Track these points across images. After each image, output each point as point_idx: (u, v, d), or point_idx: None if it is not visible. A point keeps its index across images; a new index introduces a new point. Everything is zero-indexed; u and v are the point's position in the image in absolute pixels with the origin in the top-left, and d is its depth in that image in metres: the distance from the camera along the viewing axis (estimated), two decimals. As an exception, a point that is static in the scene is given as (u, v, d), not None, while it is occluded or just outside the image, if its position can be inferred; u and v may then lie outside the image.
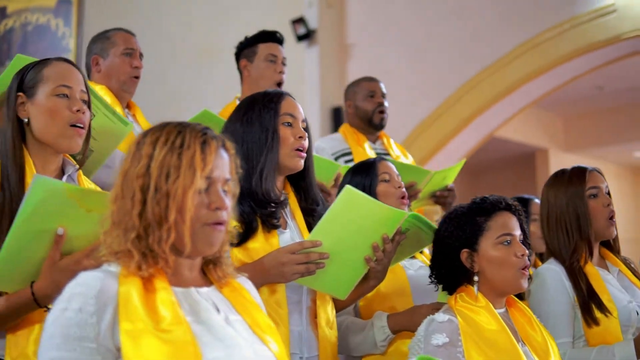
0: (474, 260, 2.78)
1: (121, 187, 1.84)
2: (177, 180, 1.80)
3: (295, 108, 2.79)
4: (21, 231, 2.04)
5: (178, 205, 1.80)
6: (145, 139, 1.87)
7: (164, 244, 1.81)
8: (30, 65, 2.50)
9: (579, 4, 7.26)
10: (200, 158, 1.83)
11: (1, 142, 2.42)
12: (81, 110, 2.45)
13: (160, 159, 1.82)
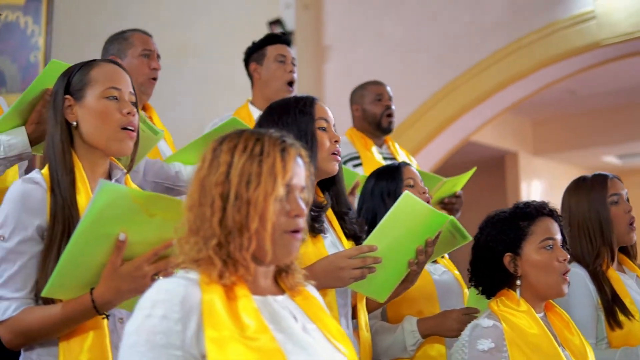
0: (516, 264, 2.85)
1: (198, 194, 1.83)
2: (258, 187, 1.80)
3: (327, 113, 2.83)
4: (84, 236, 2.01)
5: (259, 213, 1.80)
6: (221, 146, 1.86)
7: (245, 252, 1.80)
8: (76, 67, 2.45)
9: (558, 10, 7.31)
10: (280, 165, 1.83)
11: (49, 146, 2.38)
12: (132, 113, 2.42)
13: (240, 166, 1.81)
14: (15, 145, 2.91)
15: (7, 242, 2.24)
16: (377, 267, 2.60)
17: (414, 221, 2.73)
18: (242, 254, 1.80)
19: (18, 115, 2.93)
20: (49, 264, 2.20)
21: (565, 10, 7.27)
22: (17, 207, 2.26)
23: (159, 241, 2.06)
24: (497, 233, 2.90)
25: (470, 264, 3.00)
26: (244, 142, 1.85)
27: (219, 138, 1.90)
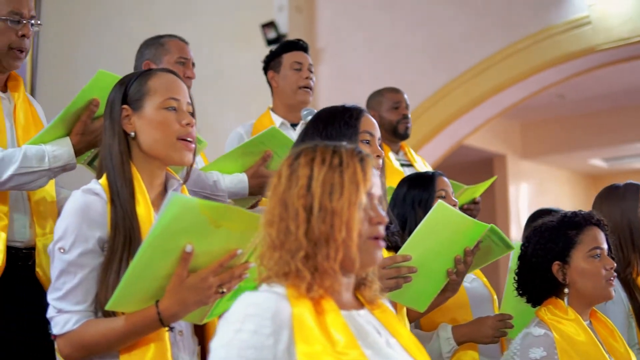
0: (565, 272, 2.91)
1: (279, 209, 1.84)
2: (342, 197, 1.81)
3: (373, 126, 2.82)
4: (151, 249, 1.99)
5: (345, 222, 1.81)
6: (298, 160, 1.88)
7: (333, 262, 1.81)
8: (133, 77, 2.42)
9: (553, 15, 7.35)
10: (361, 174, 1.85)
11: (107, 157, 2.35)
12: (190, 124, 2.39)
13: (322, 177, 1.83)
14: (60, 156, 2.88)
15: (68, 255, 2.21)
16: (414, 277, 2.60)
17: (450, 230, 2.74)
18: (330, 263, 1.81)
19: (63, 126, 2.90)
20: (110, 276, 2.18)
21: (560, 16, 7.31)
22: (78, 219, 2.23)
23: (222, 252, 2.04)
24: (545, 242, 2.96)
25: (516, 273, 3.05)
26: (321, 155, 1.87)
27: (294, 153, 1.91)
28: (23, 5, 3.08)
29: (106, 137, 2.38)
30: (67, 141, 2.90)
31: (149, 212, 2.29)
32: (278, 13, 8.55)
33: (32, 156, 2.86)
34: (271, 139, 3.40)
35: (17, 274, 2.98)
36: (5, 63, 3.07)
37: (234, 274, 2.07)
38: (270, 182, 1.93)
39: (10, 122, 3.09)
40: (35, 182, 2.90)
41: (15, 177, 2.84)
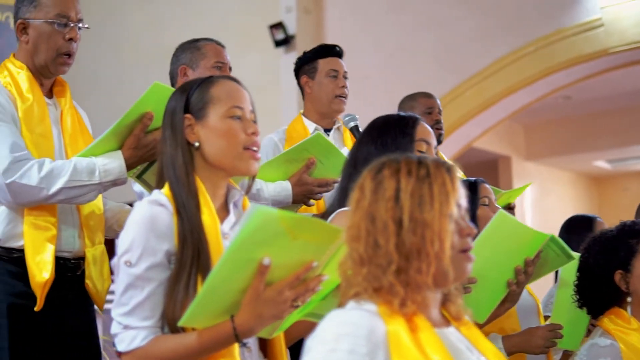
0: (627, 281, 2.89)
1: (365, 223, 1.79)
2: (432, 208, 1.77)
3: (429, 134, 2.77)
4: (229, 262, 1.93)
5: (436, 233, 1.76)
6: (382, 172, 1.83)
7: (426, 276, 1.76)
8: (194, 84, 2.32)
9: (565, 18, 7.32)
10: (450, 185, 1.80)
11: (169, 168, 2.26)
12: (255, 133, 2.31)
13: (410, 189, 1.78)
14: (111, 170, 2.82)
15: (135, 268, 2.13)
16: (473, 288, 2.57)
17: (510, 240, 2.70)
18: (423, 277, 1.76)
19: (115, 139, 2.84)
20: (178, 290, 2.11)
21: (572, 18, 7.29)
22: (145, 231, 2.15)
23: (297, 264, 1.98)
24: (606, 252, 2.95)
25: (576, 285, 3.03)
26: (406, 166, 1.82)
27: (376, 166, 1.86)
28: (70, 7, 3.02)
29: (167, 147, 2.29)
30: (118, 155, 2.84)
31: (216, 224, 2.22)
32: (286, 14, 8.52)
33: (83, 169, 2.80)
34: (315, 145, 3.35)
35: (66, 284, 2.92)
36: (53, 69, 3.01)
37: (309, 287, 2.01)
38: (351, 196, 1.87)
39: (58, 130, 3.02)
40: (85, 196, 2.85)
41: (65, 191, 2.79)
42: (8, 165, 2.76)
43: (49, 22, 2.97)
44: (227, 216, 2.33)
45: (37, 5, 2.99)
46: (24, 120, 2.91)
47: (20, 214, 2.86)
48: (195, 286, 2.10)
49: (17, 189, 2.76)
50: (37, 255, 2.81)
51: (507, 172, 11.95)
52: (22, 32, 3.04)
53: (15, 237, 2.86)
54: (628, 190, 13.90)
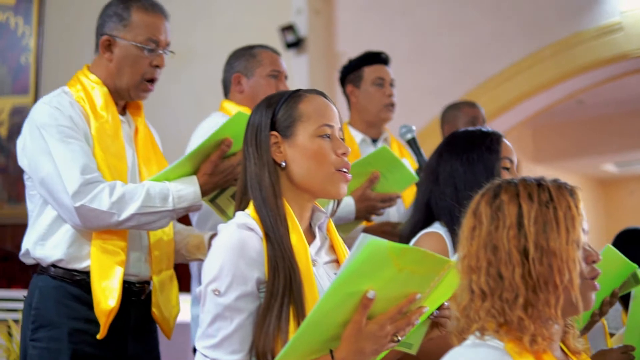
0: None
1: (483, 252, 1.71)
2: (559, 235, 1.68)
3: (512, 152, 2.73)
4: (335, 295, 1.81)
5: (564, 262, 1.67)
6: (500, 197, 1.75)
7: (555, 308, 1.67)
8: (280, 100, 2.20)
9: (583, 21, 7.22)
10: (575, 209, 1.72)
11: (255, 188, 2.13)
12: (346, 153, 2.19)
13: (534, 214, 1.70)
14: (185, 196, 2.73)
15: (224, 297, 1.99)
16: None
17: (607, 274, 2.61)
18: (552, 310, 1.67)
19: (190, 164, 2.75)
20: (270, 322, 1.97)
21: (591, 21, 7.18)
22: (235, 258, 2.01)
23: (400, 296, 1.87)
24: None
25: None
26: (525, 190, 1.74)
27: (491, 190, 1.78)
28: (161, 31, 2.93)
29: (252, 166, 2.16)
30: (193, 180, 2.75)
31: (306, 250, 2.09)
32: (296, 16, 8.44)
33: (156, 195, 2.70)
34: (380, 159, 3.25)
35: (129, 308, 2.83)
36: (133, 94, 2.91)
37: (410, 320, 1.90)
38: (463, 223, 1.79)
39: (132, 149, 2.92)
40: (157, 223, 2.75)
41: (136, 217, 2.69)
42: (78, 187, 2.65)
43: (138, 45, 2.87)
44: (313, 240, 2.21)
45: (127, 25, 2.89)
46: (97, 138, 2.79)
47: (87, 236, 2.75)
48: (288, 317, 1.98)
49: (87, 213, 2.66)
50: (104, 280, 2.70)
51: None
52: (106, 49, 2.92)
53: (80, 258, 2.76)
54: (634, 193, 13.89)
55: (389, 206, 3.40)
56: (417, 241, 2.63)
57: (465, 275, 1.73)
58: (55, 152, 2.69)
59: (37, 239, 2.79)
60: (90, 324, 2.72)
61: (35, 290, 2.80)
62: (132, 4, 2.92)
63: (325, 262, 2.19)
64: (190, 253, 2.97)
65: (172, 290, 2.95)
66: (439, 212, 2.65)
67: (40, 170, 2.72)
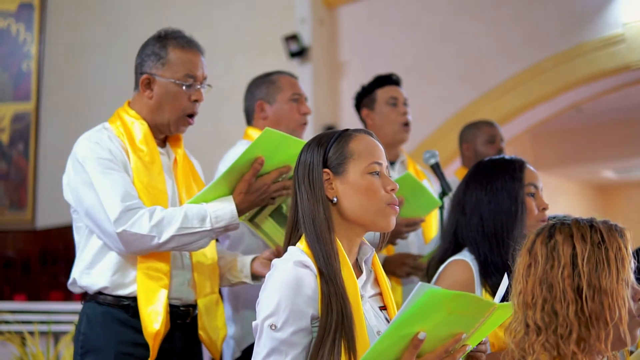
0: None
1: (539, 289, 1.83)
2: (610, 274, 1.80)
3: (537, 177, 2.83)
4: (390, 336, 1.90)
5: (615, 300, 1.79)
6: (554, 238, 1.87)
7: (605, 343, 1.79)
8: (330, 139, 2.28)
9: (586, 32, 7.29)
10: (625, 250, 1.84)
11: (309, 224, 2.20)
12: (395, 189, 2.26)
13: (587, 254, 1.82)
14: (222, 216, 2.80)
15: (280, 332, 2.07)
16: None
17: None
18: (602, 345, 1.78)
19: (226, 184, 2.82)
20: (323, 355, 2.05)
21: (593, 33, 7.25)
22: (292, 295, 2.09)
23: (447, 335, 1.96)
24: None
25: None
26: (579, 231, 1.86)
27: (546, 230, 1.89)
28: (198, 67, 3.00)
29: (304, 202, 2.23)
30: (229, 200, 2.82)
31: (356, 287, 2.16)
32: (300, 25, 8.51)
33: (194, 216, 2.78)
34: (404, 185, 3.30)
35: (175, 331, 2.91)
36: (174, 128, 2.99)
37: (455, 358, 1.98)
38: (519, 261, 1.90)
39: (172, 179, 3.01)
40: (197, 243, 2.82)
41: (176, 238, 2.77)
42: (119, 214, 2.74)
43: (177, 82, 2.95)
44: (360, 274, 2.28)
45: (165, 63, 2.98)
46: (136, 171, 2.88)
47: (131, 263, 2.84)
48: (340, 353, 2.05)
49: (129, 238, 2.75)
50: (150, 304, 2.79)
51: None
52: (146, 87, 3.00)
53: (124, 285, 2.85)
54: (633, 199, 14.00)
55: (413, 230, 3.48)
56: (445, 268, 2.70)
57: (520, 310, 1.85)
58: (96, 183, 2.78)
59: (84, 268, 2.89)
60: (137, 347, 2.80)
61: (84, 317, 2.89)
62: (168, 42, 3.02)
63: (370, 296, 2.27)
64: (234, 277, 3.04)
65: (218, 313, 3.02)
66: (465, 241, 2.71)
67: (84, 201, 2.81)
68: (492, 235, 2.60)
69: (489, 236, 2.64)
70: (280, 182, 2.83)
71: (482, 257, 2.63)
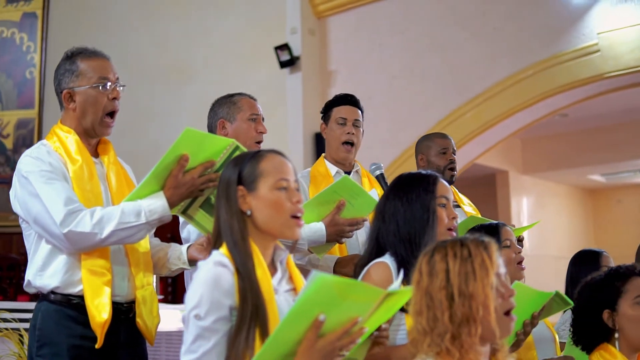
0: (614, 319, 3.20)
1: (425, 300, 2.22)
2: (476, 282, 2.18)
3: (448, 190, 3.08)
4: (291, 319, 2.22)
5: (481, 302, 2.17)
6: (433, 257, 2.26)
7: (475, 337, 2.17)
8: (245, 159, 2.63)
9: (562, 43, 7.60)
10: (488, 260, 2.22)
11: (227, 233, 2.56)
12: (300, 201, 2.61)
13: (457, 269, 2.20)
14: (155, 209, 3.10)
15: (203, 321, 2.41)
16: None
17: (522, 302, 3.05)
18: (472, 339, 2.18)
19: (156, 181, 3.12)
20: (240, 341, 2.40)
21: (570, 43, 7.57)
22: (212, 289, 2.44)
23: (345, 319, 2.28)
24: (595, 293, 3.27)
25: (571, 325, 3.35)
26: (452, 250, 2.24)
27: (429, 251, 2.29)
28: (108, 70, 3.29)
29: (223, 214, 2.59)
30: (161, 195, 3.12)
31: (269, 281, 2.53)
32: (291, 36, 8.76)
33: (129, 212, 3.08)
34: (343, 187, 3.65)
35: (120, 325, 3.21)
36: (98, 131, 3.29)
37: (353, 338, 2.30)
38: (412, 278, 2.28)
39: (105, 185, 3.31)
40: (135, 236, 3.13)
41: (116, 233, 3.07)
42: (64, 217, 3.05)
43: (93, 86, 3.25)
44: (275, 273, 2.64)
45: (78, 75, 3.27)
46: (75, 179, 3.20)
47: (77, 263, 3.16)
48: (254, 337, 2.41)
49: (74, 237, 3.06)
50: (96, 298, 3.12)
51: (505, 185, 12.24)
52: (69, 101, 3.29)
53: (73, 284, 3.15)
54: (621, 202, 14.17)
55: (356, 229, 3.78)
56: (369, 269, 3.01)
57: (414, 317, 2.25)
58: (41, 192, 3.11)
59: (36, 271, 3.20)
60: (85, 340, 3.13)
61: (38, 314, 3.21)
62: (76, 57, 3.30)
63: (286, 290, 2.62)
64: (173, 265, 3.38)
65: (154, 303, 3.35)
66: (385, 245, 3.03)
67: (31, 210, 3.13)
68: (407, 240, 2.91)
69: (404, 241, 2.94)
70: (205, 176, 3.10)
71: (399, 258, 2.93)
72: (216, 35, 9.43)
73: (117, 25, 10.21)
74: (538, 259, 11.68)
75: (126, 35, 10.10)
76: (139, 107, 9.61)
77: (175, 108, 9.65)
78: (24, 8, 11.03)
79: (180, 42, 9.79)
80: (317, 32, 8.88)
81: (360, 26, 8.81)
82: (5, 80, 11.01)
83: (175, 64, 9.73)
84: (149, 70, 9.90)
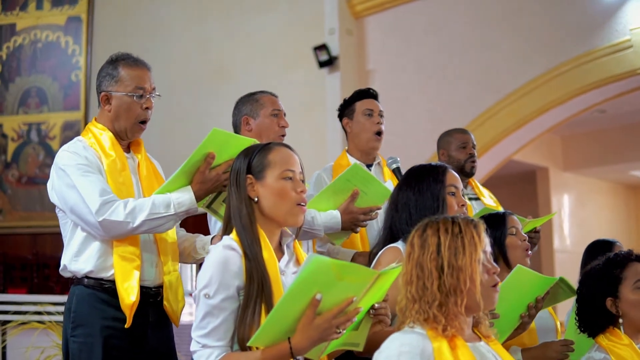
0: (617, 305, 3.32)
1: (415, 271, 2.41)
2: (465, 256, 2.37)
3: (457, 180, 3.29)
4: (290, 297, 2.41)
5: (468, 275, 2.36)
6: (426, 232, 2.44)
7: (460, 307, 2.36)
8: (254, 150, 2.84)
9: (596, 39, 7.66)
10: (477, 237, 2.41)
11: (236, 218, 2.77)
12: (303, 191, 2.81)
13: (448, 243, 2.39)
14: (183, 202, 3.33)
15: (212, 300, 2.63)
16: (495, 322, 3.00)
17: (525, 285, 3.23)
18: (458, 309, 2.37)
19: (184, 177, 3.36)
20: (247, 317, 2.61)
21: (603, 39, 7.63)
22: (221, 270, 2.65)
23: (341, 299, 2.45)
24: (596, 282, 3.37)
25: (576, 313, 3.44)
26: (444, 225, 2.43)
27: (422, 226, 2.47)
28: (145, 80, 3.51)
29: (233, 201, 2.81)
30: (188, 189, 3.36)
31: (275, 263, 2.73)
32: (329, 36, 8.89)
33: (160, 204, 3.31)
34: (355, 176, 3.82)
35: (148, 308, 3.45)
36: (130, 134, 3.53)
37: (349, 316, 2.48)
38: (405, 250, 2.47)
39: (136, 178, 3.55)
40: (164, 226, 3.36)
41: (147, 222, 3.30)
42: (99, 206, 3.28)
43: (128, 94, 3.46)
44: (282, 256, 2.85)
45: (118, 80, 3.49)
46: (108, 172, 3.43)
47: (109, 249, 3.39)
48: (260, 313, 2.62)
49: (108, 225, 3.29)
50: (126, 281, 3.35)
51: (545, 182, 12.26)
52: (106, 103, 3.52)
53: (106, 268, 3.39)
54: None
55: (370, 218, 3.94)
56: (382, 253, 3.20)
57: (403, 286, 2.43)
58: (77, 184, 3.34)
59: (72, 256, 3.44)
60: (117, 321, 3.37)
61: (73, 297, 3.45)
62: (119, 63, 3.54)
63: (293, 272, 2.83)
64: (198, 254, 3.62)
65: (179, 288, 3.58)
66: (398, 233, 3.18)
67: (68, 200, 3.37)
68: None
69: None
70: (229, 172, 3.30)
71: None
72: (256, 37, 9.58)
73: (160, 27, 10.40)
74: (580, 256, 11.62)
75: (169, 37, 10.27)
76: (182, 108, 9.78)
77: (218, 108, 9.79)
78: (69, 12, 11.23)
79: (221, 44, 9.94)
80: (354, 32, 9.01)
81: (396, 26, 8.92)
82: (51, 83, 11.21)
83: (216, 65, 9.88)
84: (191, 72, 10.07)
